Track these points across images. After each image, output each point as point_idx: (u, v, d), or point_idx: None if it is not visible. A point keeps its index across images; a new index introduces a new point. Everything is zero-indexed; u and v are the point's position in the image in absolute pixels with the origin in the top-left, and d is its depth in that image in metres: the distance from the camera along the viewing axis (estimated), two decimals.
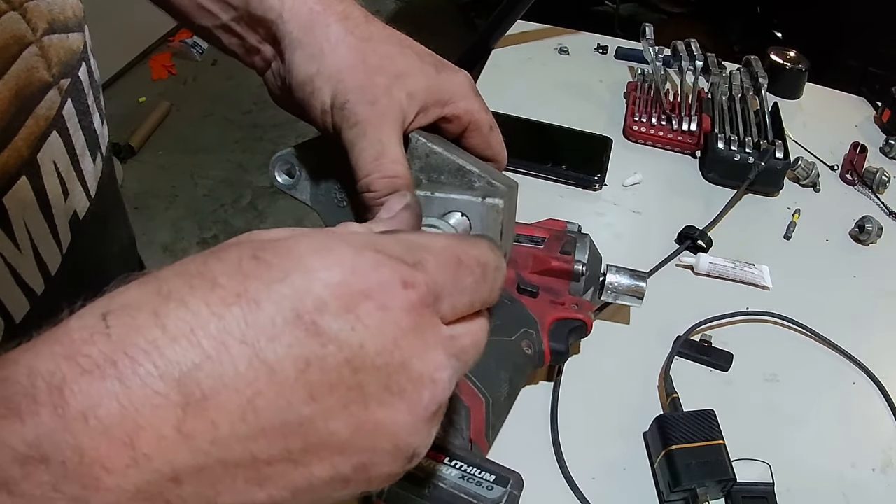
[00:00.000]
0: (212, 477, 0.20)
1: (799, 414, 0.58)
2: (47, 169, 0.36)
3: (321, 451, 0.22)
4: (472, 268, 0.25)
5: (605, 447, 0.54)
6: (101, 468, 0.19)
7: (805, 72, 0.97)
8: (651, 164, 0.83)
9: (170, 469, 0.19)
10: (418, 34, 0.43)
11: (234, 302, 0.20)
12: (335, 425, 0.21)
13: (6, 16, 0.32)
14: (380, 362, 0.22)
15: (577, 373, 0.58)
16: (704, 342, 0.62)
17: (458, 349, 0.24)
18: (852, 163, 0.84)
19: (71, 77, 0.38)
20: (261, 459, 0.21)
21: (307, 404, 0.21)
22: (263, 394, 0.20)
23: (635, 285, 0.59)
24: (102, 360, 0.19)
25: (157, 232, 2.03)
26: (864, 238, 0.75)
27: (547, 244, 0.58)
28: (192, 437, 0.19)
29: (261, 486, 0.21)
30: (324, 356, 0.21)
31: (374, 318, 0.22)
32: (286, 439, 0.21)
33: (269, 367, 0.20)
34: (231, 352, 0.20)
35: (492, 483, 0.42)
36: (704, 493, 0.49)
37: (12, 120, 0.33)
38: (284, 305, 0.21)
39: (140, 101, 2.44)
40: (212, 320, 0.20)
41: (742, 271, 0.69)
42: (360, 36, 0.38)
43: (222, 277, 0.21)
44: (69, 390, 0.19)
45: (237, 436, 0.20)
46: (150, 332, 0.20)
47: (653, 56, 0.90)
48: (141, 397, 0.19)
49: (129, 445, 0.19)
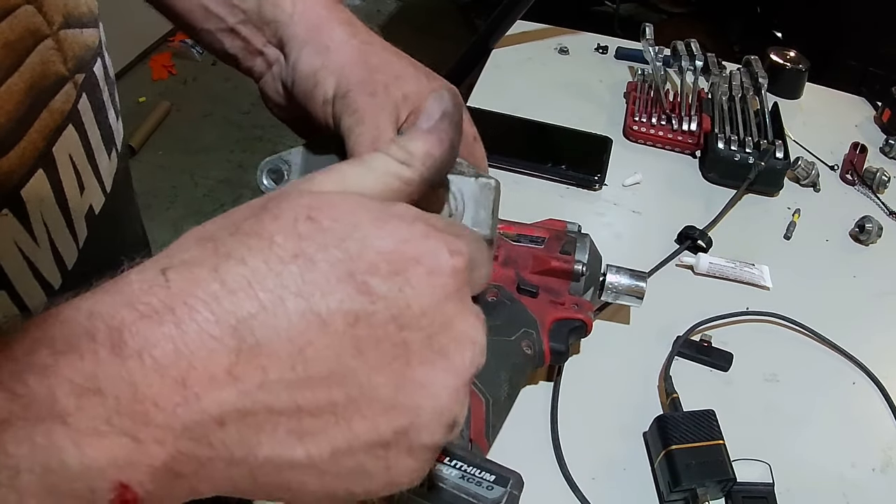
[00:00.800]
0: (255, 423, 0.21)
1: (799, 414, 0.58)
2: (63, 162, 0.36)
3: (363, 407, 0.22)
4: (486, 254, 0.27)
5: (605, 447, 0.54)
6: (152, 405, 0.20)
7: (805, 72, 0.97)
8: (651, 164, 0.83)
9: (217, 410, 0.20)
10: (418, 34, 0.44)
11: (291, 261, 0.21)
12: (378, 379, 0.22)
13: (21, 9, 0.33)
14: (424, 322, 0.23)
15: (577, 373, 0.58)
16: (704, 342, 0.62)
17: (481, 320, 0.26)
18: (852, 163, 0.84)
19: (86, 72, 0.39)
20: (305, 409, 0.21)
21: (354, 357, 0.22)
22: (314, 344, 0.21)
23: (635, 285, 0.59)
24: (161, 308, 0.20)
25: (157, 232, 2.02)
26: (864, 238, 0.75)
27: (547, 244, 0.58)
28: (241, 380, 0.20)
29: (301, 441, 0.22)
30: (372, 312, 0.22)
31: (421, 281, 0.23)
32: (331, 390, 0.22)
33: (321, 319, 0.21)
34: (286, 304, 0.21)
35: (492, 483, 0.42)
36: (704, 493, 0.49)
37: (28, 112, 0.33)
38: (339, 267, 0.22)
39: (140, 101, 2.44)
40: (269, 276, 0.21)
41: (742, 271, 0.69)
42: (363, 40, 0.41)
43: (279, 236, 0.22)
44: (128, 332, 0.20)
45: (285, 382, 0.21)
46: (209, 285, 0.21)
47: (653, 56, 0.90)
48: (196, 341, 0.20)
49: (181, 384, 0.20)
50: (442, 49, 2.63)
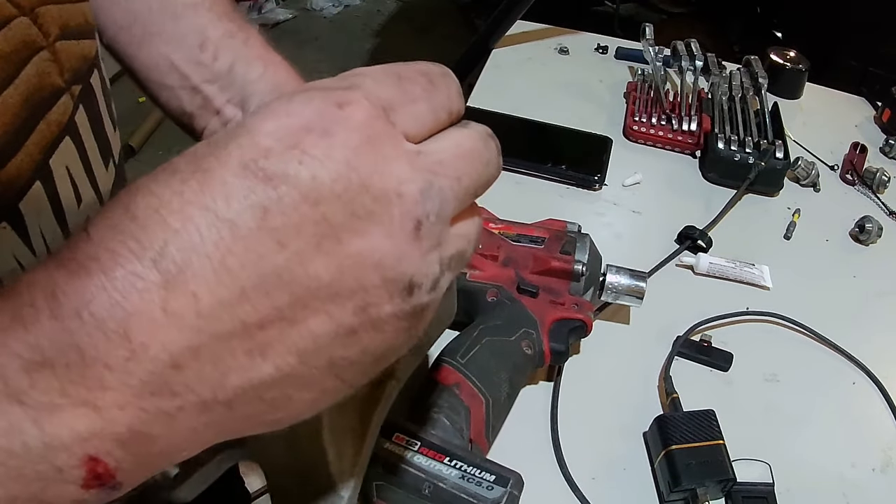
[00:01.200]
0: (210, 355, 0.20)
1: (799, 414, 0.58)
2: (60, 174, 0.36)
3: (311, 302, 0.21)
4: (417, 79, 0.24)
5: (605, 447, 0.54)
6: (103, 367, 0.19)
7: (805, 72, 0.97)
8: (651, 164, 0.83)
9: (167, 355, 0.19)
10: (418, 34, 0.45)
11: (189, 178, 0.20)
12: (314, 268, 0.20)
13: (16, 20, 0.33)
14: (338, 189, 0.20)
15: (577, 373, 0.58)
16: (704, 342, 0.62)
17: (432, 163, 0.22)
18: (852, 163, 0.84)
19: (83, 83, 0.38)
20: (251, 324, 0.20)
21: (278, 252, 0.20)
22: (232, 251, 0.20)
23: (635, 285, 0.59)
24: (86, 259, 0.19)
25: None
26: (864, 238, 0.75)
27: (547, 244, 0.59)
28: (179, 315, 0.19)
29: (264, 357, 0.21)
30: (279, 198, 0.20)
31: (319, 147, 0.21)
32: (269, 296, 0.20)
33: (230, 223, 0.20)
34: (194, 220, 0.20)
35: (492, 483, 0.42)
36: (704, 493, 0.49)
37: (24, 124, 0.33)
38: (232, 163, 0.20)
39: (140, 101, 2.43)
40: (173, 198, 0.20)
41: (742, 271, 0.69)
42: None
43: (182, 163, 0.21)
44: (61, 292, 0.19)
45: (220, 302, 0.20)
46: (122, 224, 0.20)
47: (653, 56, 0.90)
48: (125, 284, 0.19)
49: (124, 336, 0.19)
50: (442, 49, 2.63)
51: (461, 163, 0.24)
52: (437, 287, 0.23)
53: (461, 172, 0.23)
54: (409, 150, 0.22)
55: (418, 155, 0.22)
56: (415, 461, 0.43)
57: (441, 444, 0.44)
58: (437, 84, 0.25)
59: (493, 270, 0.57)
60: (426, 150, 0.23)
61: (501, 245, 0.59)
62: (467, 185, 0.24)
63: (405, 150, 0.22)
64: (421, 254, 0.22)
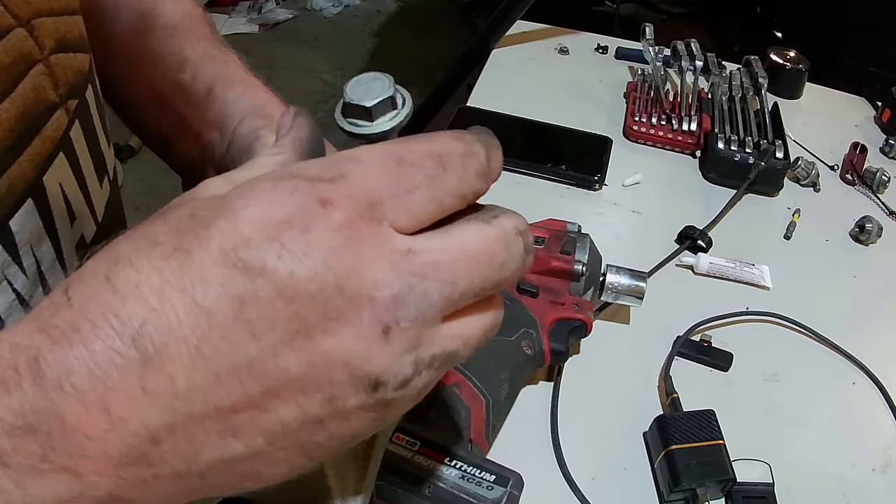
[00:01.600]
0: (184, 433, 0.21)
1: (799, 414, 0.58)
2: (54, 193, 0.35)
3: (281, 392, 0.21)
4: (422, 163, 0.23)
5: (605, 447, 0.54)
6: (83, 436, 0.20)
7: (805, 72, 0.97)
8: (651, 164, 0.83)
9: (145, 430, 0.20)
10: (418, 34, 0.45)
11: (170, 255, 0.21)
12: (285, 362, 0.21)
13: (14, 32, 0.32)
14: (313, 288, 0.21)
15: (577, 373, 0.58)
16: (704, 342, 0.62)
17: (421, 265, 0.22)
18: (852, 163, 0.84)
19: (78, 98, 0.38)
20: (224, 408, 0.21)
21: (251, 344, 0.20)
22: (208, 339, 0.20)
23: (635, 285, 0.59)
24: (68, 329, 0.20)
25: None
26: (864, 238, 0.75)
27: (547, 244, 0.59)
28: (156, 395, 0.20)
29: (235, 437, 0.21)
30: (255, 291, 0.20)
31: (298, 244, 0.21)
32: (242, 384, 0.21)
33: (206, 310, 0.20)
34: (172, 302, 0.20)
35: (492, 483, 0.42)
36: (704, 493, 0.49)
37: (18, 140, 0.32)
38: (212, 247, 0.21)
39: None
40: (153, 274, 0.20)
41: (742, 271, 0.69)
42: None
43: (163, 236, 0.21)
44: (43, 360, 0.20)
45: (195, 387, 0.20)
46: (103, 295, 0.20)
47: (653, 56, 0.90)
48: (105, 360, 0.20)
49: (104, 410, 0.20)
50: (442, 49, 2.63)
51: (461, 267, 0.23)
52: (407, 385, 0.22)
53: (457, 276, 0.22)
54: (394, 250, 0.22)
55: (406, 255, 0.22)
56: (415, 461, 0.43)
57: (441, 444, 0.44)
58: (450, 166, 0.23)
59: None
60: (420, 249, 0.22)
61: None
62: (465, 288, 0.23)
63: (389, 251, 0.22)
64: (391, 356, 0.22)
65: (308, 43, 2.85)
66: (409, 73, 2.58)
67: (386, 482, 0.42)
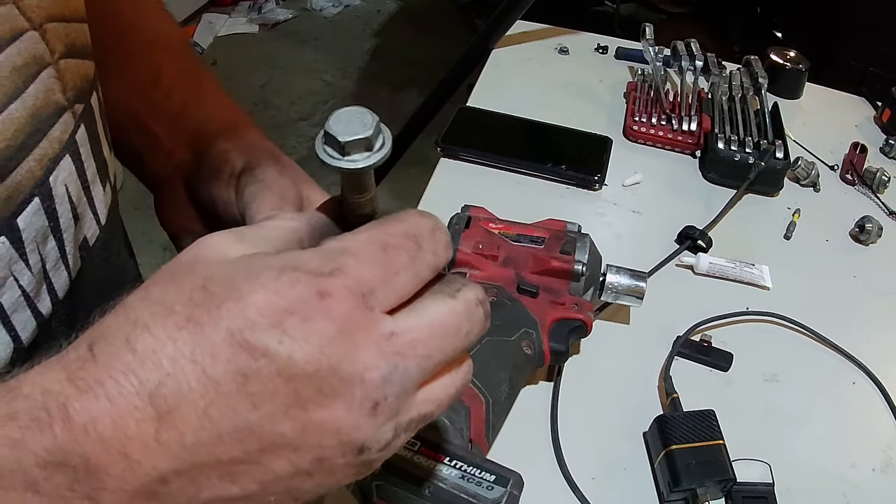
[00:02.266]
0: (190, 477, 0.24)
1: (799, 414, 0.58)
2: (59, 192, 0.36)
3: (276, 450, 0.24)
4: (402, 245, 0.26)
5: (605, 447, 0.54)
6: (104, 473, 0.23)
7: (805, 72, 0.97)
8: (651, 164, 0.83)
9: (157, 473, 0.23)
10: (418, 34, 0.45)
11: (184, 326, 0.24)
12: (281, 428, 0.24)
13: (27, 34, 0.33)
14: (310, 370, 0.23)
15: (577, 373, 0.58)
16: (704, 342, 0.62)
17: (403, 345, 0.25)
18: (852, 163, 0.84)
19: (84, 103, 0.38)
20: (224, 461, 0.24)
21: (251, 412, 0.23)
22: (214, 404, 0.23)
23: (635, 285, 0.59)
24: (94, 382, 0.23)
25: (157, 232, 2.01)
26: (864, 238, 0.75)
27: (547, 244, 0.59)
28: (168, 445, 0.23)
29: (233, 482, 0.24)
30: (258, 369, 0.23)
31: (299, 331, 0.23)
32: (242, 443, 0.24)
33: (214, 381, 0.23)
34: (185, 370, 0.23)
35: (492, 483, 0.42)
36: (704, 493, 0.49)
37: (27, 139, 0.33)
38: (221, 326, 0.23)
39: None
40: (168, 343, 0.23)
41: (742, 271, 0.69)
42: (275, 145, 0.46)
43: (178, 305, 0.24)
44: (72, 408, 0.23)
45: (201, 442, 0.23)
46: (124, 356, 0.23)
47: (653, 56, 0.90)
48: (125, 412, 0.23)
49: (123, 454, 0.23)
50: (442, 49, 2.63)
51: (434, 341, 0.26)
52: (388, 447, 0.26)
53: (432, 350, 0.26)
54: (380, 335, 0.25)
55: (390, 338, 0.25)
56: (415, 461, 0.43)
57: (441, 444, 0.44)
58: (424, 244, 0.27)
59: (493, 270, 0.57)
60: (400, 330, 0.25)
61: (501, 245, 0.59)
62: (439, 359, 0.26)
63: (377, 336, 0.25)
64: (376, 426, 0.25)
65: (308, 43, 2.85)
66: (409, 73, 2.57)
67: (386, 482, 0.42)
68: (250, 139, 0.45)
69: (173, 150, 0.48)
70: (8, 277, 0.33)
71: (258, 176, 0.41)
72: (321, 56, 2.76)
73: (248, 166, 0.42)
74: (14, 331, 0.34)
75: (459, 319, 0.27)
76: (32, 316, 0.36)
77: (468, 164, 0.79)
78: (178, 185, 0.48)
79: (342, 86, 2.61)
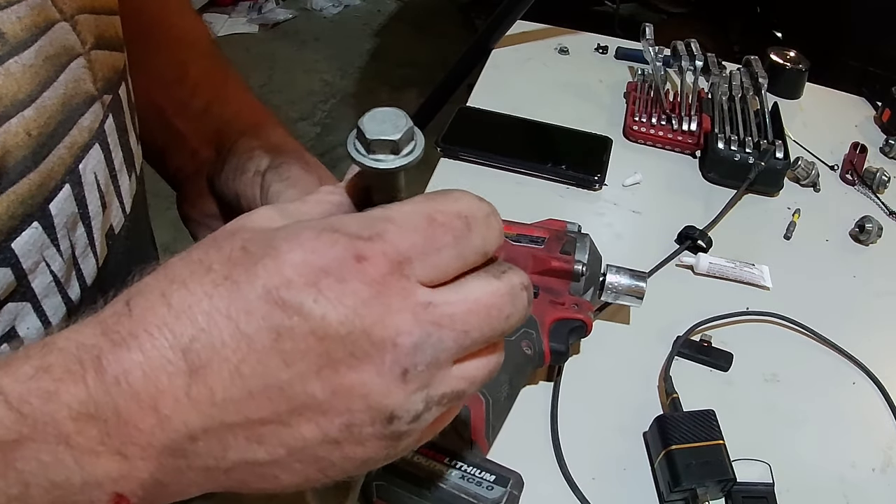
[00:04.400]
0: (217, 435, 0.24)
1: (799, 414, 0.58)
2: (88, 180, 0.36)
3: (305, 412, 0.24)
4: (450, 224, 0.25)
5: (605, 447, 0.54)
6: (134, 428, 0.23)
7: (805, 72, 0.97)
8: (651, 164, 0.83)
9: (185, 429, 0.23)
10: (418, 34, 0.46)
11: (221, 283, 0.24)
12: (312, 388, 0.24)
13: (58, 25, 0.33)
14: (343, 331, 0.23)
15: (577, 373, 0.58)
16: (704, 342, 0.62)
17: (440, 315, 0.24)
18: (852, 163, 0.84)
19: (113, 93, 0.39)
20: (254, 420, 0.24)
21: (283, 370, 0.23)
22: (246, 361, 0.23)
23: (635, 285, 0.59)
24: (127, 335, 0.23)
25: (158, 232, 2.01)
26: (864, 238, 0.75)
27: (547, 244, 0.59)
28: (198, 401, 0.23)
29: (260, 444, 0.24)
30: (291, 327, 0.23)
31: (333, 291, 0.23)
32: (272, 402, 0.24)
33: (248, 337, 0.23)
34: (219, 325, 0.23)
35: (492, 483, 0.42)
36: (704, 493, 0.49)
37: (59, 127, 0.33)
38: (257, 284, 0.23)
39: None
40: (204, 299, 0.23)
41: (742, 271, 0.69)
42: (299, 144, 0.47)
43: (216, 264, 0.24)
44: (105, 359, 0.23)
45: (231, 399, 0.23)
46: (160, 310, 0.23)
47: (653, 56, 0.90)
48: (158, 366, 0.23)
49: (153, 408, 0.23)
50: (442, 49, 2.63)
51: (473, 318, 0.25)
52: (419, 419, 0.25)
53: (470, 326, 0.25)
54: (417, 303, 0.24)
55: (427, 307, 0.24)
56: (415, 461, 0.43)
57: (441, 444, 0.44)
58: (475, 227, 0.26)
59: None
60: (438, 301, 0.25)
61: (501, 245, 0.59)
62: (476, 337, 0.25)
63: (413, 303, 0.24)
64: (406, 393, 0.24)
65: (308, 43, 2.85)
66: (409, 73, 2.58)
67: (386, 482, 0.42)
68: (276, 137, 0.46)
69: (197, 147, 0.48)
70: (40, 263, 0.34)
71: (283, 174, 0.41)
72: (321, 56, 2.76)
73: (273, 164, 0.43)
74: (45, 316, 0.35)
75: (503, 300, 0.26)
76: (63, 302, 0.36)
77: (468, 164, 0.79)
78: (202, 182, 0.48)
79: (342, 86, 2.61)
